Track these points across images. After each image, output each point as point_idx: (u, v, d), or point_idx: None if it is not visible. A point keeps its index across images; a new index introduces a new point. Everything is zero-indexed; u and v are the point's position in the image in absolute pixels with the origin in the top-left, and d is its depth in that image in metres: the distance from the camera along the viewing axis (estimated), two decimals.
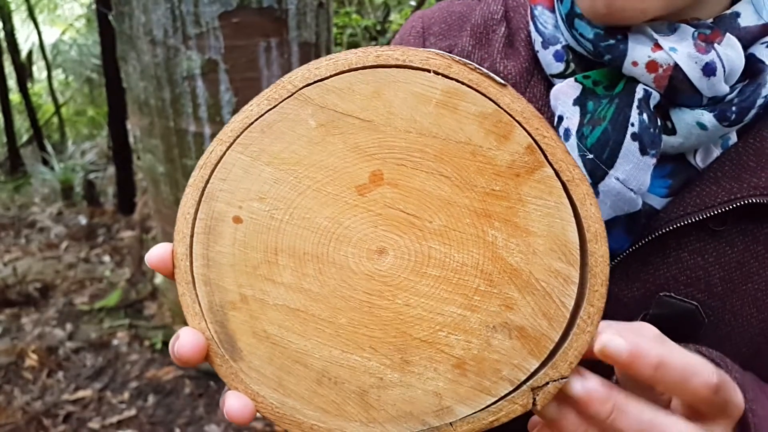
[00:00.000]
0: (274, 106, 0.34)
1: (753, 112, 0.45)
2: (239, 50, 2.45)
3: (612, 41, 0.46)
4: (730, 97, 0.45)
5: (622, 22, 0.45)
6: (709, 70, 0.44)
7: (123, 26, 2.55)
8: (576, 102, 0.48)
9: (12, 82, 7.21)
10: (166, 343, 2.83)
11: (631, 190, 0.45)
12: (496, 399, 0.33)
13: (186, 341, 0.34)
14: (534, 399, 0.33)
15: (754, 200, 0.45)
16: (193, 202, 0.35)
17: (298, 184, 0.34)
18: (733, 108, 0.45)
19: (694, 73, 0.44)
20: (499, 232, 0.33)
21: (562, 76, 0.51)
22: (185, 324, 0.36)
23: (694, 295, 0.48)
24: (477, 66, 0.33)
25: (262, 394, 0.35)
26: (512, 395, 0.33)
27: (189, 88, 2.49)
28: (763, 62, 0.46)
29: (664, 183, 0.49)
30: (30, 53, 8.83)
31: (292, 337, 0.34)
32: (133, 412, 2.47)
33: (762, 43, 0.47)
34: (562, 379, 0.33)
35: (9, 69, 6.76)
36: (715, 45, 0.44)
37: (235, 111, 2.52)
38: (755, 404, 0.41)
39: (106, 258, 3.93)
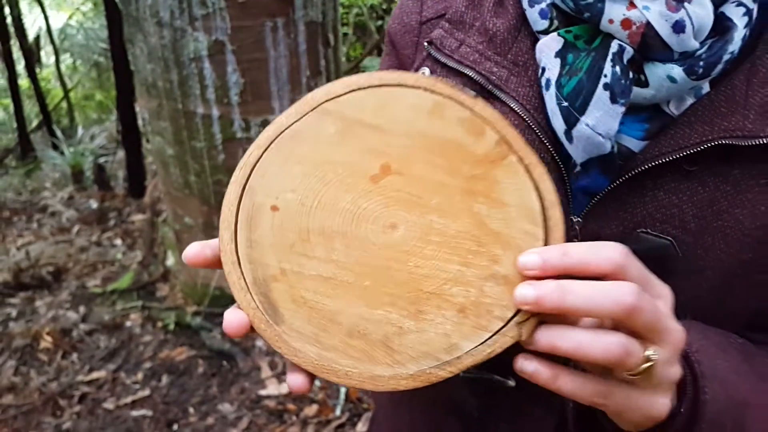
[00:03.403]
0: (301, 118, 0.43)
1: (719, 67, 0.49)
2: (246, 31, 2.44)
3: (591, 0, 0.50)
4: (699, 52, 0.49)
5: None
6: (678, 27, 0.48)
7: (129, 9, 2.54)
8: (557, 54, 0.53)
9: (20, 68, 7.22)
10: (178, 324, 2.86)
11: (600, 135, 0.50)
12: (492, 334, 0.41)
13: (230, 321, 0.41)
14: (520, 331, 0.40)
15: (724, 142, 0.49)
16: (236, 196, 0.42)
17: (323, 177, 0.42)
18: (701, 63, 0.49)
19: (664, 30, 0.48)
20: (483, 205, 0.42)
21: (546, 32, 0.55)
22: (197, 304, 0.39)
23: (668, 231, 0.51)
24: (454, 84, 0.43)
25: (303, 350, 0.42)
26: (503, 329, 0.41)
27: (196, 70, 2.48)
28: (731, 20, 0.49)
29: (641, 127, 0.53)
30: (37, 38, 8.83)
31: (326, 300, 0.41)
32: (147, 392, 2.50)
33: (732, 2, 0.50)
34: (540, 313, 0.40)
35: (17, 54, 6.76)
36: (686, 4, 0.48)
37: (242, 92, 2.52)
38: (700, 355, 0.47)
39: (118, 241, 3.96)
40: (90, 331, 2.90)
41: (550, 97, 0.52)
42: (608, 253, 0.39)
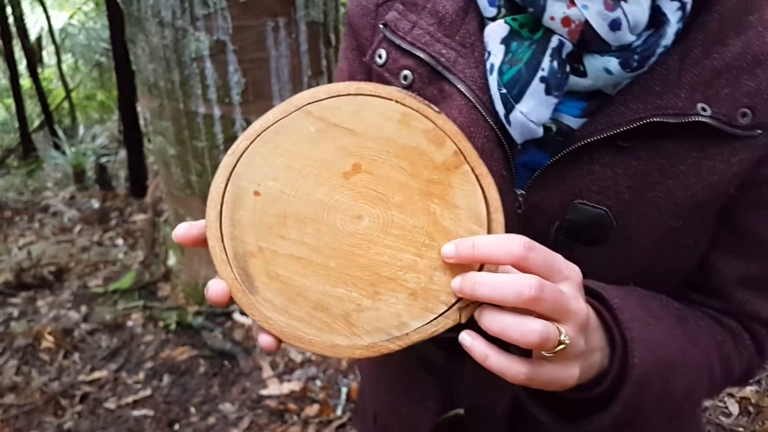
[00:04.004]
0: (286, 116, 0.48)
1: (653, 59, 0.53)
2: (247, 30, 2.44)
3: None
4: (635, 44, 0.52)
5: None
6: (615, 25, 0.51)
7: (131, 9, 2.54)
8: (503, 41, 0.56)
9: (22, 67, 7.22)
10: (180, 324, 2.86)
11: (532, 122, 0.54)
12: (436, 316, 0.47)
13: (214, 289, 0.47)
14: (460, 315, 0.47)
15: (656, 119, 0.52)
16: (223, 179, 0.47)
17: (302, 170, 0.48)
18: (636, 56, 0.52)
19: (602, 28, 0.51)
20: (437, 206, 0.48)
21: (494, 19, 0.58)
22: (198, 304, 0.41)
23: (604, 202, 0.56)
24: (422, 99, 0.48)
25: (273, 318, 0.47)
26: (446, 313, 0.47)
27: (198, 70, 2.48)
28: (665, 15, 0.52)
29: (580, 105, 0.56)
30: (39, 38, 8.83)
31: (296, 277, 0.47)
32: (148, 392, 2.50)
33: None
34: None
35: (19, 54, 6.77)
36: (622, 3, 0.51)
37: (244, 92, 2.52)
38: (632, 323, 0.52)
39: (119, 241, 3.96)
40: (91, 331, 2.91)
41: (493, 82, 0.56)
42: (510, 246, 0.44)
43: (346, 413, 2.30)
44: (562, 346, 0.44)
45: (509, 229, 0.49)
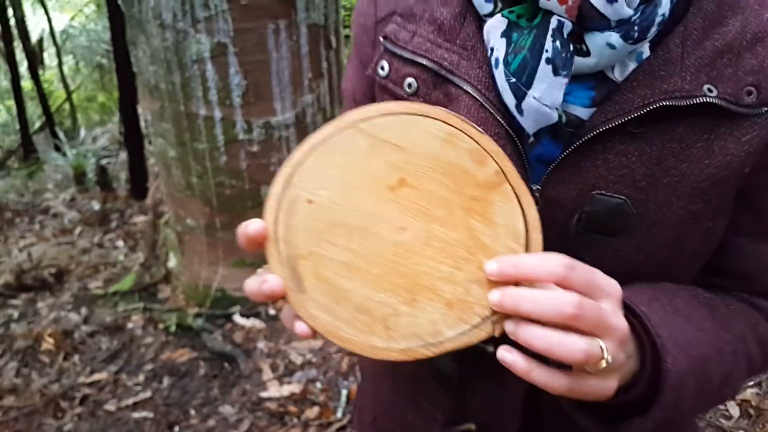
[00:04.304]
0: (339, 132, 0.52)
1: (653, 29, 0.53)
2: (248, 33, 2.44)
3: None
4: (633, 18, 0.52)
5: None
6: None
7: (132, 11, 2.54)
8: (503, 34, 0.56)
9: (23, 69, 7.23)
10: (180, 326, 2.86)
11: (546, 105, 0.54)
12: (470, 327, 0.49)
13: (272, 282, 0.50)
14: (494, 328, 0.48)
15: (665, 103, 0.53)
16: (280, 188, 0.51)
17: (352, 182, 0.51)
18: (635, 28, 0.52)
19: (598, 1, 0.51)
20: (478, 222, 0.50)
21: (492, 14, 0.58)
22: (198, 306, 0.41)
23: (621, 191, 0.56)
24: (466, 119, 0.51)
25: (318, 316, 0.50)
26: (481, 325, 0.49)
27: (199, 72, 2.48)
28: None
29: (588, 95, 0.57)
30: (40, 40, 8.84)
31: (341, 280, 0.50)
32: (148, 394, 2.50)
33: None
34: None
35: (20, 56, 6.78)
36: None
37: (244, 94, 2.52)
38: (660, 328, 0.53)
39: (120, 243, 3.96)
40: (91, 333, 2.91)
41: (500, 75, 0.56)
42: (551, 266, 0.46)
43: (347, 416, 2.30)
44: (605, 364, 0.46)
45: None
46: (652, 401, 0.53)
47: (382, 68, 0.65)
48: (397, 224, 0.50)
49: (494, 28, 0.57)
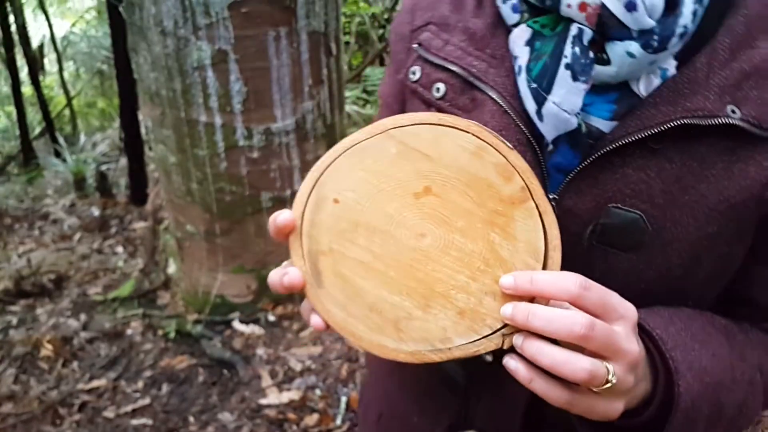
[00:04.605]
0: (370, 137, 0.54)
1: (674, 40, 0.53)
2: (249, 40, 2.45)
3: None
4: (654, 27, 0.52)
5: None
6: (630, 6, 0.51)
7: (133, 17, 2.55)
8: (527, 43, 0.58)
9: (24, 75, 7.24)
10: (179, 332, 2.85)
11: (565, 111, 0.55)
12: (480, 337, 0.50)
13: (293, 275, 0.51)
14: (503, 341, 0.49)
15: (686, 121, 0.53)
16: (309, 186, 0.53)
17: (378, 186, 0.53)
18: (655, 37, 0.52)
19: (618, 9, 0.52)
20: (498, 236, 0.51)
21: (518, 25, 0.60)
22: (197, 312, 0.41)
23: (638, 206, 0.56)
24: (497, 135, 0.52)
25: (333, 311, 0.52)
26: (490, 336, 0.50)
27: (199, 79, 2.49)
28: None
29: (609, 108, 0.57)
30: (41, 46, 8.85)
31: (358, 279, 0.52)
32: (147, 401, 2.49)
33: None
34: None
35: (21, 62, 6.79)
36: None
37: (245, 100, 2.52)
38: (675, 351, 0.53)
39: (119, 249, 3.96)
40: (90, 339, 2.90)
41: (522, 82, 0.57)
42: (566, 285, 0.46)
43: (346, 423, 2.29)
44: (609, 385, 0.46)
45: None
46: (664, 424, 0.53)
47: (414, 73, 0.67)
48: (418, 230, 0.52)
49: (519, 37, 0.59)
